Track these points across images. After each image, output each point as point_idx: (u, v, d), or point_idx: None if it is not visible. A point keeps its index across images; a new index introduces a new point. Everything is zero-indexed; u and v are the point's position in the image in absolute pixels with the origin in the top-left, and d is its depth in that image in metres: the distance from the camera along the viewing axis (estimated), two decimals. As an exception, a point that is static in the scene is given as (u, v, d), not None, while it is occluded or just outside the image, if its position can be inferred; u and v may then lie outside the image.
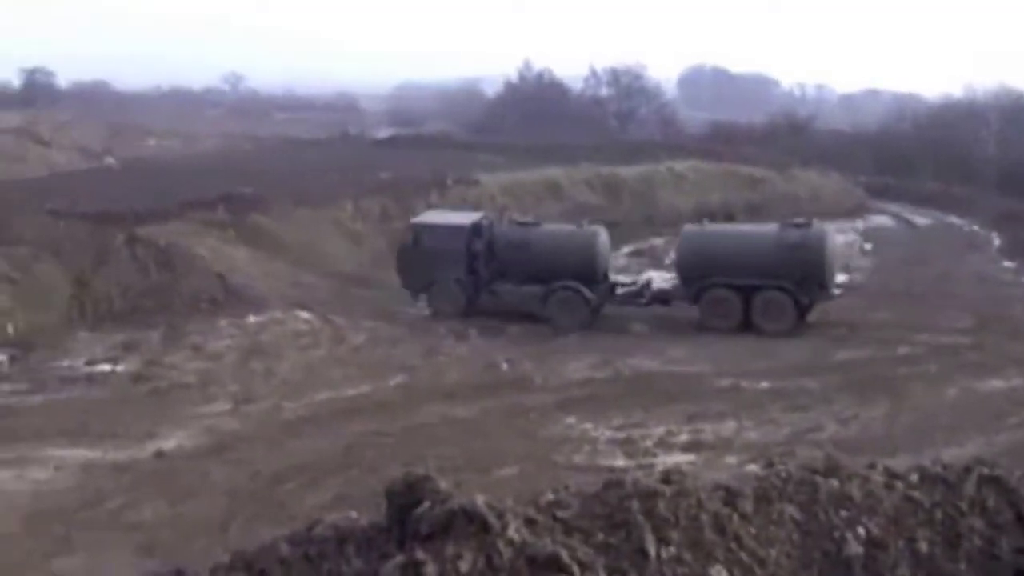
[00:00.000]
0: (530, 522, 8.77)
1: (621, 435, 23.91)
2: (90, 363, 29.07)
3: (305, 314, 34.27)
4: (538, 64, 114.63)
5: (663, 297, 36.36)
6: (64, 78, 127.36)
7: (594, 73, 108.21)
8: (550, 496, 9.38)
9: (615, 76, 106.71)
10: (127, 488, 20.37)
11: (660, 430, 24.15)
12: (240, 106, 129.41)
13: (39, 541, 17.96)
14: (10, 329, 30.55)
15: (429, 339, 32.96)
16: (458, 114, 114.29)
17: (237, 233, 41.11)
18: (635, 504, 8.95)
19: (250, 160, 65.50)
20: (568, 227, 37.81)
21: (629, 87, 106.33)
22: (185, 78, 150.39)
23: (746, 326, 34.32)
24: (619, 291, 37.16)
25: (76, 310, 32.96)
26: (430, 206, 45.08)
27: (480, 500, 8.73)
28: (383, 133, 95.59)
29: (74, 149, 75.26)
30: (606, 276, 36.96)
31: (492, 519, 8.56)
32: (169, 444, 22.75)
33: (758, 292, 34.22)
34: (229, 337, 31.76)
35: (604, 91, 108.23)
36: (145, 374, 28.25)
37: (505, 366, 30.21)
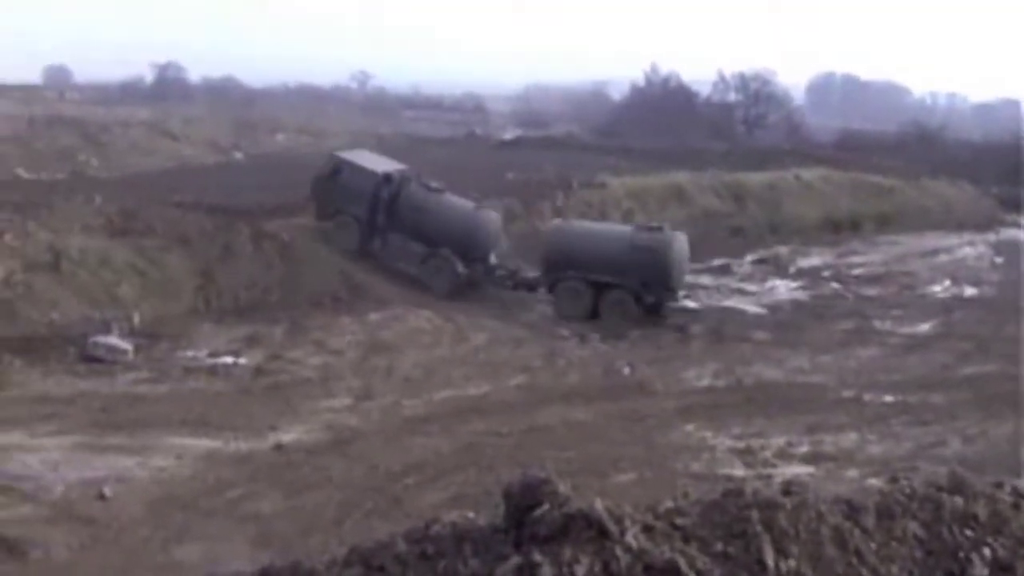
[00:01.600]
0: (648, 529, 8.68)
1: (740, 444, 23.68)
2: (213, 355, 29.37)
3: (427, 312, 34.37)
4: (665, 67, 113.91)
5: (528, 284, 38.80)
6: (195, 73, 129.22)
7: (722, 78, 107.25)
8: (669, 503, 9.28)
9: (743, 81, 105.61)
10: (246, 479, 20.60)
11: (780, 441, 23.89)
12: (368, 104, 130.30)
13: (160, 528, 18.23)
14: (136, 319, 31.05)
15: (550, 341, 32.93)
16: (584, 116, 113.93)
17: (361, 230, 41.36)
18: (755, 515, 8.82)
19: (376, 158, 65.93)
20: (465, 203, 40.33)
21: (757, 93, 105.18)
22: (314, 75, 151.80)
23: (594, 315, 36.07)
24: (497, 273, 39.58)
25: (201, 302, 33.41)
26: (556, 210, 45.28)
27: (599, 505, 8.66)
28: (509, 134, 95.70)
29: (203, 143, 76.38)
30: (486, 256, 39.30)
31: (610, 524, 8.49)
32: (288, 437, 22.95)
33: (607, 289, 36.26)
34: (351, 333, 31.95)
35: (732, 96, 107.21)
36: (267, 368, 28.53)
37: (626, 371, 30.08)
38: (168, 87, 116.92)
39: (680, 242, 37.10)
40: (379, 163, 41.75)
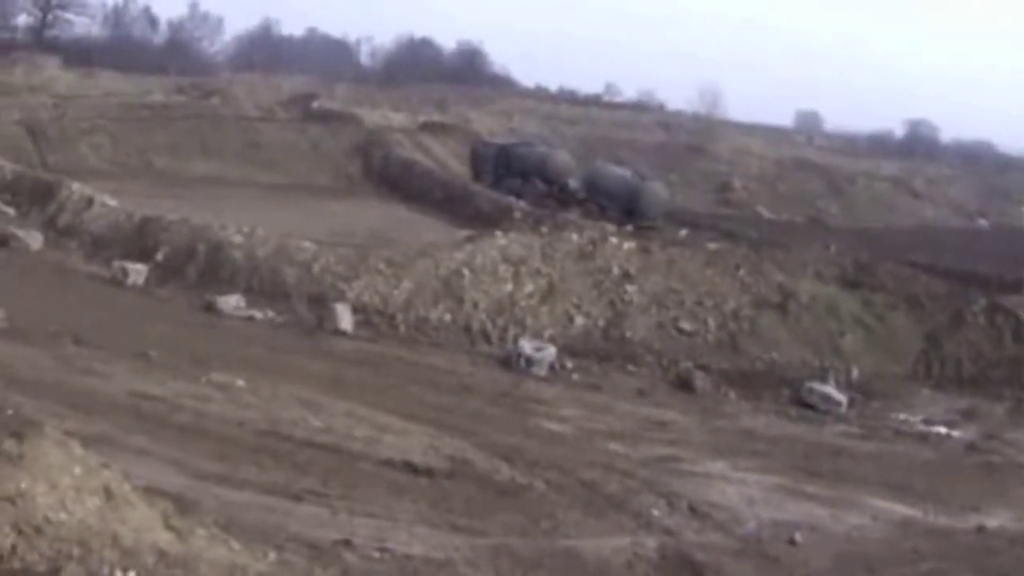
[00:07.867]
0: None
1: None
2: (926, 422, 28.75)
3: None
4: None
5: (580, 199, 56.17)
6: (947, 134, 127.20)
7: None
8: None
9: None
10: (939, 556, 19.78)
11: None
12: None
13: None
14: (855, 372, 31.03)
15: None
16: None
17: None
18: None
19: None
20: (541, 148, 61.34)
21: None
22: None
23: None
24: (573, 193, 56.97)
25: (922, 366, 32.74)
26: None
27: None
28: None
29: (946, 205, 75.43)
30: (561, 181, 57.70)
31: None
32: (992, 522, 21.76)
33: None
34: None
35: None
36: (981, 445, 27.43)
37: None
38: (917, 144, 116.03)
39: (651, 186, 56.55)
40: (499, 139, 66.61)
